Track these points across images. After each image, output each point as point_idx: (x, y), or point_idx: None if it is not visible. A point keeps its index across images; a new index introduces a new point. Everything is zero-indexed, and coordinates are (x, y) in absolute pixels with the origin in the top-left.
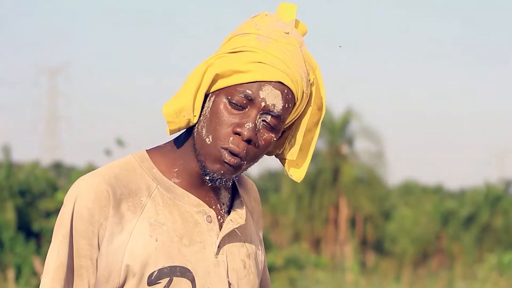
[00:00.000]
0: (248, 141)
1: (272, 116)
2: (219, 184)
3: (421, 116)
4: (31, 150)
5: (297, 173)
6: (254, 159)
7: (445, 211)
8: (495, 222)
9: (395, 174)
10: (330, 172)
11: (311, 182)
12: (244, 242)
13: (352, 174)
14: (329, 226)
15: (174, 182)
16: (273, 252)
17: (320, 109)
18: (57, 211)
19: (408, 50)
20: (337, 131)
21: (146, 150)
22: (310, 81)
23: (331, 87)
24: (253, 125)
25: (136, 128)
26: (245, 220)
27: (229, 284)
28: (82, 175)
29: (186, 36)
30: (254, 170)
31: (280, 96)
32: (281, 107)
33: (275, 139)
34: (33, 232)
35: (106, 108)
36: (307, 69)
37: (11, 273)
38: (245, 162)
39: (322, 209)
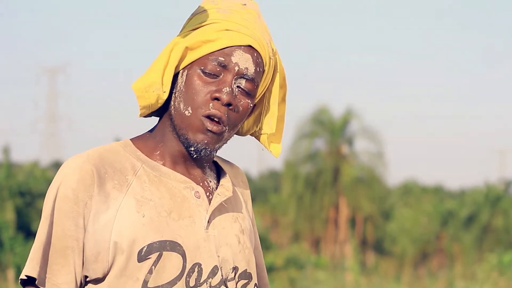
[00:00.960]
0: (228, 105)
1: (246, 79)
2: (204, 155)
3: (421, 116)
4: (30, 150)
5: (276, 149)
6: (234, 126)
7: (445, 211)
8: (495, 222)
9: (395, 174)
10: (330, 172)
11: (311, 182)
12: (237, 218)
13: (352, 174)
14: (329, 226)
15: (158, 163)
16: (273, 252)
17: (282, 86)
18: None
19: (408, 51)
20: (337, 131)
21: (129, 139)
22: (273, 50)
23: (331, 87)
24: (230, 89)
25: (136, 128)
26: (234, 195)
27: (220, 258)
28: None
29: None
30: (254, 170)
31: (251, 59)
32: (253, 70)
33: (251, 105)
34: (33, 232)
35: (106, 108)
36: (270, 37)
37: (11, 273)
38: (226, 128)
39: (322, 209)
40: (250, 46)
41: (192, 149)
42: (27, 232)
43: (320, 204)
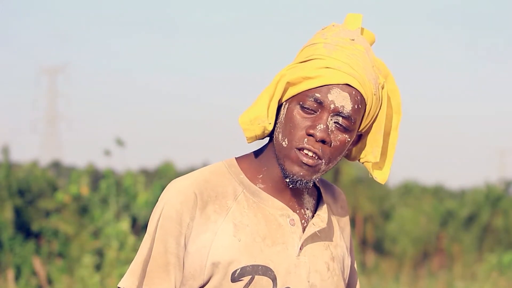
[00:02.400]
0: (322, 141)
1: (342, 117)
2: (299, 186)
3: (421, 116)
4: (30, 150)
5: (381, 175)
6: (331, 159)
7: (445, 211)
8: (495, 222)
9: (395, 174)
10: (330, 172)
11: None
12: (329, 246)
13: (352, 174)
14: None
15: (259, 187)
16: None
17: (396, 113)
18: (56, 210)
19: (407, 50)
20: None
21: (235, 158)
22: (380, 84)
23: None
24: (324, 126)
25: (136, 128)
26: (328, 224)
27: (309, 284)
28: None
29: (186, 37)
30: None
31: (349, 97)
32: (350, 108)
33: (349, 139)
34: (32, 232)
35: (106, 108)
36: (375, 73)
37: (10, 273)
38: (322, 161)
39: None
40: (348, 84)
41: (288, 180)
42: (26, 232)
43: None
